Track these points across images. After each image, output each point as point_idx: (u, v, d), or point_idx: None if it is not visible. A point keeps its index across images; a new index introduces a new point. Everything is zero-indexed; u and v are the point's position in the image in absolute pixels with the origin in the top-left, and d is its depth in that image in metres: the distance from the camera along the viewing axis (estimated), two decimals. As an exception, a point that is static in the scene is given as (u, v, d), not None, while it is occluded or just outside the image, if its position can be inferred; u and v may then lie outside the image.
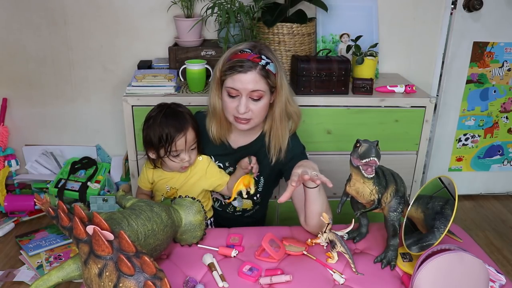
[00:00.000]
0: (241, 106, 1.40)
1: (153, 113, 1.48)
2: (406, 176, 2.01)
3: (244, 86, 1.38)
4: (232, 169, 1.61)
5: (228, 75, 1.40)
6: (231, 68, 1.38)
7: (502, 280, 1.20)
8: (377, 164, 1.12)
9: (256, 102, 1.41)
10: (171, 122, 1.44)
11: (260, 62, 1.39)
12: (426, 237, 1.18)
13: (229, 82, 1.40)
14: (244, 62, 1.37)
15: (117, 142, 2.52)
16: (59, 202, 1.08)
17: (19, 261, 2.06)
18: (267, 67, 1.40)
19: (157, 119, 1.45)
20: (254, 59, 1.38)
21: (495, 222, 2.55)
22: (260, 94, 1.40)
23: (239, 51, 1.41)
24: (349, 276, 1.21)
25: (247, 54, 1.39)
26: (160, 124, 1.43)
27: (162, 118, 1.44)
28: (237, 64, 1.38)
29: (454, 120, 2.62)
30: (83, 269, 0.96)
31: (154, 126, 1.44)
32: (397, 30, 2.36)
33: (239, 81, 1.38)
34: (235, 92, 1.40)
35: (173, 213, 1.26)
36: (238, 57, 1.39)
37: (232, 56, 1.41)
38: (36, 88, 2.43)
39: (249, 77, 1.37)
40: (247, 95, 1.39)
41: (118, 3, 2.27)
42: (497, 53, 2.50)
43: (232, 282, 1.17)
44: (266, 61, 1.40)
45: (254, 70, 1.38)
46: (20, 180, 2.47)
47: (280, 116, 1.48)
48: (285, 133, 1.51)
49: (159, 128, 1.43)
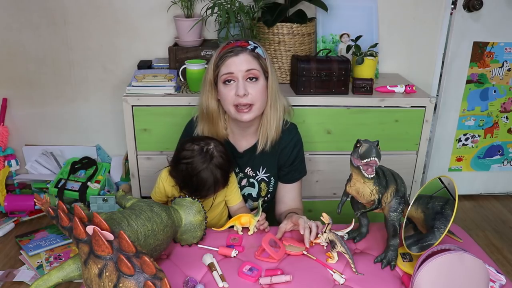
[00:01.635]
0: (239, 88, 1.40)
1: (194, 153, 1.35)
2: (406, 176, 2.01)
3: (238, 68, 1.41)
4: (242, 175, 1.60)
5: (220, 65, 1.42)
6: (222, 57, 1.42)
7: (502, 280, 1.20)
8: (378, 164, 1.12)
9: (253, 84, 1.42)
10: (211, 182, 1.35)
11: (248, 46, 1.43)
12: (426, 237, 1.18)
13: (223, 70, 1.42)
14: (234, 48, 1.42)
15: (117, 142, 2.52)
16: (59, 202, 1.08)
17: (19, 261, 2.06)
18: (256, 50, 1.44)
19: (207, 169, 1.34)
20: (242, 44, 1.43)
21: (495, 222, 2.55)
22: (255, 73, 1.42)
23: (226, 43, 1.46)
24: (349, 276, 1.21)
25: (233, 42, 1.45)
26: (203, 174, 1.33)
27: (207, 171, 1.34)
28: (227, 51, 1.42)
29: (454, 120, 2.62)
30: (83, 269, 0.96)
31: (197, 172, 1.33)
32: (397, 30, 2.36)
33: (233, 64, 1.41)
34: (230, 76, 1.41)
35: (173, 213, 1.26)
36: (226, 47, 1.44)
37: (220, 50, 1.45)
38: (36, 88, 2.43)
39: (241, 58, 1.41)
40: (243, 77, 1.41)
41: (118, 3, 2.27)
42: (497, 53, 2.50)
43: (232, 282, 1.17)
44: (254, 45, 1.45)
45: (245, 52, 1.42)
46: (20, 180, 2.47)
47: (271, 100, 1.48)
48: (273, 122, 1.50)
49: (198, 179, 1.34)
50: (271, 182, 1.62)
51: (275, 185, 1.64)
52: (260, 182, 1.61)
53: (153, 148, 1.94)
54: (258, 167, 1.60)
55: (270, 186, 1.63)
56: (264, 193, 1.63)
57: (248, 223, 1.38)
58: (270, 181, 1.62)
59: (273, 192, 1.65)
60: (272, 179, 1.62)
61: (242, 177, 1.61)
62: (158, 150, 1.94)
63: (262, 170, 1.60)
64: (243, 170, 1.60)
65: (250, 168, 1.60)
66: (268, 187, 1.63)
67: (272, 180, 1.62)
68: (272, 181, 1.62)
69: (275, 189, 1.65)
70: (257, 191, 1.62)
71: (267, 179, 1.61)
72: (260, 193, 1.63)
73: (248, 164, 1.59)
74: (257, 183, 1.61)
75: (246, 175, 1.61)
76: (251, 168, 1.60)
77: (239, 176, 1.60)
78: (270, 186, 1.63)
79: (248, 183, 1.62)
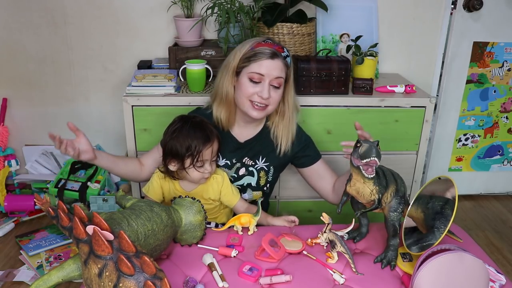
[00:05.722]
0: (264, 91, 1.45)
1: (176, 125, 1.47)
2: (406, 176, 2.01)
3: (270, 72, 1.45)
4: (239, 165, 1.62)
5: (253, 61, 1.45)
6: (257, 54, 1.45)
7: (502, 280, 1.20)
8: (378, 164, 1.12)
9: (276, 90, 1.49)
10: (199, 133, 1.44)
11: (283, 53, 1.47)
12: (426, 237, 1.19)
13: (254, 67, 1.45)
14: (270, 50, 1.45)
15: (117, 142, 2.52)
16: (59, 202, 1.08)
17: (19, 261, 2.06)
18: (287, 59, 1.49)
19: (183, 131, 1.44)
20: (278, 49, 1.47)
21: (495, 222, 2.55)
22: (281, 81, 1.48)
23: (262, 41, 1.48)
24: (349, 276, 1.21)
25: (271, 44, 1.47)
26: (189, 135, 1.43)
27: (190, 130, 1.44)
28: (264, 51, 1.44)
29: (454, 120, 2.62)
30: (83, 269, 0.96)
31: (181, 137, 1.43)
32: (397, 30, 2.36)
33: (266, 67, 1.44)
34: (259, 77, 1.45)
35: (173, 213, 1.26)
36: (263, 46, 1.46)
37: (256, 45, 1.47)
38: (36, 88, 2.43)
39: (276, 64, 1.45)
40: (270, 81, 1.46)
41: (118, 3, 2.27)
42: (497, 53, 2.50)
43: (232, 282, 1.17)
44: (286, 53, 1.49)
45: (279, 58, 1.46)
46: (20, 180, 2.47)
47: (292, 107, 1.57)
48: (294, 125, 1.60)
49: (187, 139, 1.42)
50: (270, 171, 1.64)
51: (274, 174, 1.66)
52: (259, 171, 1.63)
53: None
54: (258, 156, 1.62)
55: (269, 176, 1.65)
56: (263, 182, 1.64)
57: (248, 223, 1.38)
58: (269, 170, 1.64)
59: (272, 181, 1.68)
60: (272, 168, 1.64)
61: (239, 167, 1.62)
62: (158, 150, 1.94)
63: (261, 159, 1.63)
64: (241, 160, 1.62)
65: (248, 158, 1.62)
66: (267, 176, 1.64)
67: (272, 170, 1.65)
68: (272, 170, 1.65)
69: (274, 179, 1.68)
70: (256, 180, 1.64)
71: (267, 168, 1.64)
72: (259, 182, 1.64)
73: (248, 154, 1.62)
74: (257, 172, 1.63)
75: (244, 165, 1.62)
76: (249, 157, 1.62)
77: (237, 166, 1.61)
78: (269, 175, 1.65)
79: (248, 171, 1.63)
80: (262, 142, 1.61)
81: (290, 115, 1.57)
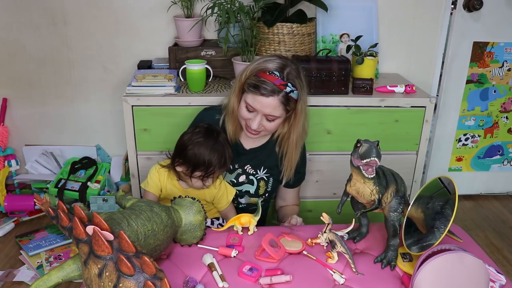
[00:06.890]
0: (254, 123, 1.45)
1: (201, 136, 1.45)
2: (406, 176, 2.00)
3: (262, 109, 1.42)
4: (240, 171, 1.62)
5: (250, 92, 1.42)
6: (255, 86, 1.41)
7: (502, 280, 1.20)
8: (378, 164, 1.12)
9: (270, 122, 1.47)
10: (219, 155, 1.44)
11: (285, 89, 1.41)
12: (426, 237, 1.18)
13: (249, 99, 1.43)
14: (269, 85, 1.40)
15: (117, 142, 2.52)
16: (59, 202, 1.08)
17: (19, 261, 2.06)
18: (290, 94, 1.43)
19: (206, 144, 1.43)
20: (280, 85, 1.40)
21: (495, 222, 2.55)
22: (274, 118, 1.45)
23: (267, 71, 1.42)
24: (349, 276, 1.21)
25: (274, 78, 1.41)
26: (210, 153, 1.43)
27: (213, 148, 1.43)
28: (261, 86, 1.40)
29: (454, 120, 2.62)
30: (83, 269, 0.96)
31: (202, 150, 1.43)
32: (397, 30, 2.36)
33: (259, 103, 1.41)
34: (252, 109, 1.44)
35: (173, 213, 1.26)
36: (264, 77, 1.41)
37: (260, 73, 1.42)
38: (36, 88, 2.43)
39: (269, 101, 1.41)
40: (263, 115, 1.44)
41: (118, 3, 2.27)
42: (497, 53, 2.50)
43: (232, 282, 1.17)
44: (291, 89, 1.42)
45: (276, 96, 1.40)
46: (20, 180, 2.47)
47: (296, 141, 1.54)
48: (297, 156, 1.59)
49: (207, 156, 1.43)
50: (270, 181, 1.65)
51: (274, 184, 1.66)
52: (259, 181, 1.63)
53: (153, 148, 1.94)
54: (260, 166, 1.62)
55: (269, 186, 1.65)
56: (262, 191, 1.65)
57: (248, 223, 1.38)
58: (269, 180, 1.64)
59: (271, 191, 1.68)
60: (271, 179, 1.64)
61: (240, 173, 1.62)
62: (158, 150, 1.93)
63: (263, 170, 1.62)
64: (243, 167, 1.61)
65: (250, 166, 1.62)
66: (267, 186, 1.65)
67: (271, 180, 1.65)
68: (271, 181, 1.65)
69: (273, 189, 1.68)
70: (255, 189, 1.64)
71: (267, 178, 1.64)
72: (258, 191, 1.64)
73: (250, 162, 1.61)
74: (257, 181, 1.63)
75: (245, 172, 1.62)
76: (252, 166, 1.61)
77: (237, 172, 1.62)
78: (269, 185, 1.65)
79: (248, 180, 1.63)
80: (266, 152, 1.61)
81: (293, 149, 1.56)
